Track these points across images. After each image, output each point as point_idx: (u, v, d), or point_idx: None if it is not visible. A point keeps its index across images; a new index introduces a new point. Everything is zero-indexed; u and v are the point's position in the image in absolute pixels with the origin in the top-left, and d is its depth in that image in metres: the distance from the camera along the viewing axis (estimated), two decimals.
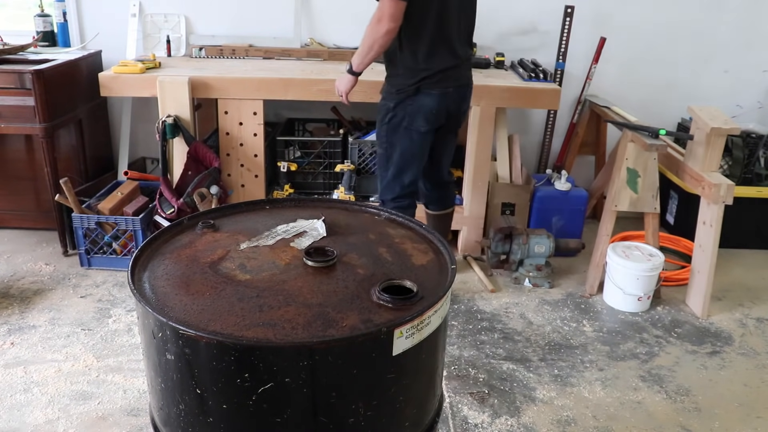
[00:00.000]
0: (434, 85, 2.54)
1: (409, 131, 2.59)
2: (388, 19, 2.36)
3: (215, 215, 1.70)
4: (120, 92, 3.27)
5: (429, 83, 2.52)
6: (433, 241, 1.57)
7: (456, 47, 2.55)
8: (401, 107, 2.56)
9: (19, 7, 4.07)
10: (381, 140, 2.66)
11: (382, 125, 2.63)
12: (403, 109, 2.56)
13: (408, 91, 2.53)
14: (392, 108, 2.57)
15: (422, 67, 2.51)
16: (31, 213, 3.50)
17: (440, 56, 2.52)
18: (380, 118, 2.62)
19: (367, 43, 2.46)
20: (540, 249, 3.12)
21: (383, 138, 2.64)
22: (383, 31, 2.39)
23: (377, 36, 2.41)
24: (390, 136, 2.62)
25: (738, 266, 3.49)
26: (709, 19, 3.80)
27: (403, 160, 2.64)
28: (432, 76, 2.52)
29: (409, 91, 2.53)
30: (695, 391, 2.43)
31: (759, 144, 3.56)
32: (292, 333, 1.17)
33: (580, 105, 3.84)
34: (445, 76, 2.55)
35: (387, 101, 2.59)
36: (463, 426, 2.18)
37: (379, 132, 2.66)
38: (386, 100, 2.60)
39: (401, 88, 2.54)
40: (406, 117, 2.57)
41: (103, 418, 2.16)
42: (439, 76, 2.53)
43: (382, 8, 2.37)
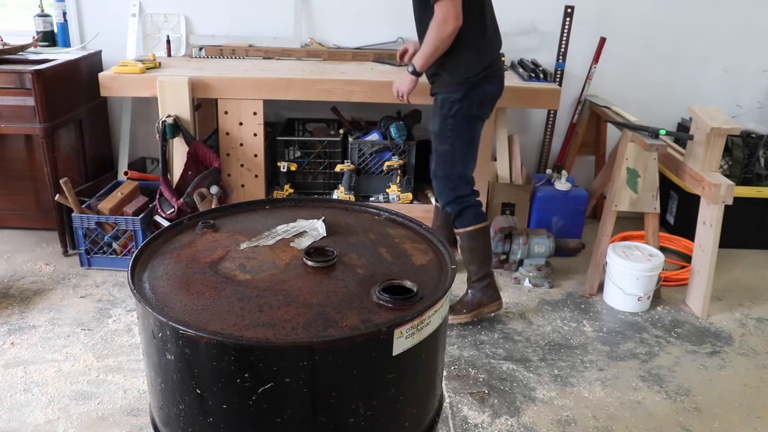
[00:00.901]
0: (496, 71, 2.58)
1: (475, 120, 2.59)
2: (454, 19, 2.38)
3: (215, 215, 1.70)
4: (120, 92, 3.27)
5: (492, 70, 2.55)
6: (433, 241, 1.57)
7: (498, 33, 2.61)
8: (467, 97, 2.53)
9: (19, 7, 4.07)
10: (446, 135, 2.60)
11: (446, 119, 2.57)
12: (469, 98, 2.53)
13: (474, 80, 2.51)
14: (459, 100, 2.53)
15: (486, 56, 2.53)
16: (31, 213, 3.50)
17: (495, 43, 2.58)
18: (443, 112, 2.57)
19: (432, 44, 2.45)
20: (540, 249, 3.12)
21: (449, 133, 2.58)
22: (449, 30, 2.40)
23: (444, 36, 2.42)
24: (457, 128, 2.57)
25: (738, 266, 3.49)
26: (709, 19, 3.80)
27: (469, 151, 2.63)
28: (493, 63, 2.56)
29: (475, 80, 2.52)
30: (695, 391, 2.43)
31: (759, 144, 3.56)
32: (292, 333, 1.17)
33: (580, 105, 3.84)
34: (499, 62, 2.62)
35: (451, 94, 2.54)
36: (463, 426, 2.18)
37: (443, 127, 2.59)
38: (449, 93, 2.55)
39: (468, 77, 2.51)
40: (473, 106, 2.55)
41: (103, 418, 2.16)
42: (497, 63, 2.59)
43: (446, 9, 2.38)
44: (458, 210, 2.69)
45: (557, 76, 3.73)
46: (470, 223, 2.69)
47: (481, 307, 2.76)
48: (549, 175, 3.58)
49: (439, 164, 2.66)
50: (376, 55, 3.70)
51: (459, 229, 2.72)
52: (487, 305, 2.77)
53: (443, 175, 2.66)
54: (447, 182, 2.67)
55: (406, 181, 3.50)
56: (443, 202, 2.72)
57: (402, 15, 3.71)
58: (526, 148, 3.95)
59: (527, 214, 3.48)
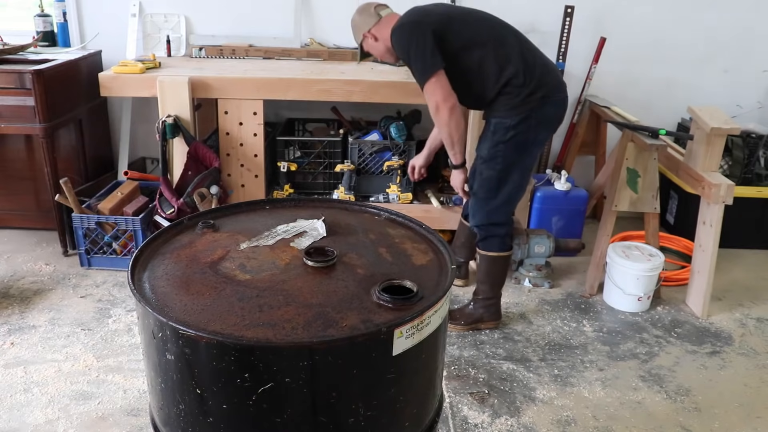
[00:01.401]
0: (554, 91, 2.45)
1: (530, 147, 2.48)
2: (444, 103, 2.35)
3: (215, 215, 1.70)
4: (120, 92, 3.27)
5: (548, 90, 2.43)
6: (433, 241, 1.57)
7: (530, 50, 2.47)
8: (524, 122, 2.41)
9: (19, 7, 4.06)
10: (495, 161, 2.47)
11: (497, 145, 2.45)
12: (527, 122, 2.41)
13: (531, 104, 2.40)
14: (514, 125, 2.41)
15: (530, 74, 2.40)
16: (31, 213, 3.50)
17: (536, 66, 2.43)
18: (496, 138, 2.45)
19: (446, 135, 2.43)
20: (540, 249, 3.12)
21: (499, 159, 2.46)
22: (446, 116, 2.37)
23: (445, 121, 2.38)
24: (509, 155, 2.46)
25: (738, 266, 3.49)
26: (709, 19, 3.80)
27: (521, 180, 2.53)
28: (549, 80, 2.44)
29: (533, 104, 2.40)
30: (695, 391, 2.43)
31: (759, 144, 3.56)
32: (292, 333, 1.17)
33: (580, 105, 3.84)
34: (555, 80, 2.48)
35: (506, 119, 2.42)
36: (463, 426, 2.18)
37: (493, 153, 2.47)
38: (504, 119, 2.42)
39: (524, 102, 2.39)
40: (530, 131, 2.43)
41: (103, 418, 2.16)
42: (553, 83, 2.46)
43: (433, 98, 2.35)
44: (485, 235, 2.64)
45: None
46: (493, 250, 2.65)
47: (479, 323, 2.75)
48: (549, 175, 3.58)
49: (482, 187, 2.55)
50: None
51: (482, 251, 2.68)
52: (485, 322, 2.76)
53: (483, 197, 2.57)
54: (484, 206, 2.57)
55: (405, 181, 3.49)
56: (473, 222, 2.65)
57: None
58: None
59: (527, 214, 3.48)
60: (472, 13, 2.50)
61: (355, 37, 2.67)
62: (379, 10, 2.58)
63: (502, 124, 2.43)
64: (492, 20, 2.51)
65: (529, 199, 3.46)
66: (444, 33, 2.36)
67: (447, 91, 2.35)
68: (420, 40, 2.33)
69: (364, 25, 2.58)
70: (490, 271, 2.70)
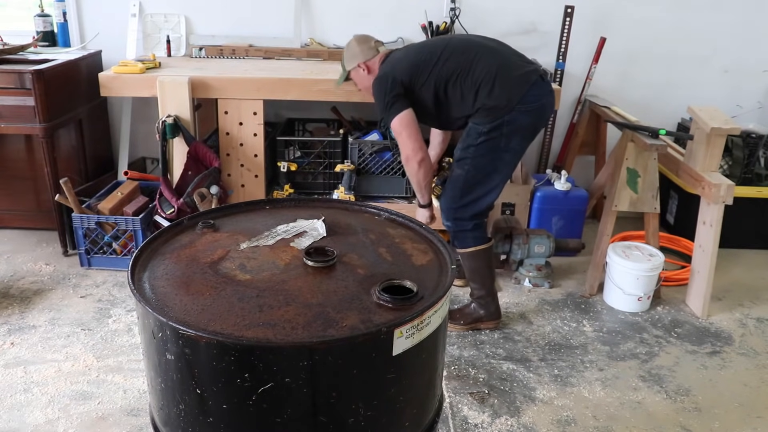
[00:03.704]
0: (530, 99, 2.47)
1: (501, 153, 2.52)
2: (413, 156, 2.49)
3: (215, 215, 1.70)
4: (120, 92, 3.27)
5: (524, 99, 2.46)
6: (433, 241, 1.57)
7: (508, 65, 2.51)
8: (496, 129, 2.47)
9: (19, 7, 4.06)
10: (464, 162, 2.56)
11: (468, 148, 2.54)
12: (498, 129, 2.47)
13: (504, 112, 2.46)
14: (486, 132, 2.48)
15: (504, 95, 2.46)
16: (31, 213, 3.50)
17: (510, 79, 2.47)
18: (469, 141, 2.53)
19: (414, 183, 2.61)
20: (540, 249, 3.12)
21: (468, 160, 2.55)
22: (415, 168, 2.52)
23: (414, 172, 2.55)
24: (478, 158, 2.53)
25: (738, 266, 3.49)
26: (709, 19, 3.80)
27: (490, 184, 2.58)
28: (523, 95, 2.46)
29: (506, 112, 2.46)
30: (695, 391, 2.43)
31: (759, 144, 3.56)
32: (292, 333, 1.17)
33: (580, 105, 3.84)
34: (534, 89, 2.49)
35: (480, 125, 2.50)
36: (463, 426, 2.18)
37: (464, 154, 2.56)
38: (478, 124, 2.51)
39: (498, 113, 2.46)
40: (501, 138, 2.49)
41: (103, 418, 2.16)
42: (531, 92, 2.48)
43: (401, 147, 2.51)
44: (453, 231, 2.68)
45: (557, 76, 3.73)
46: (468, 245, 2.67)
47: (478, 322, 2.75)
48: (549, 175, 3.58)
49: (450, 185, 2.63)
50: None
51: (458, 249, 2.70)
52: (484, 321, 2.75)
53: (450, 195, 2.63)
54: (451, 203, 2.63)
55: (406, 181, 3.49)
56: (443, 219, 2.71)
57: (402, 15, 3.73)
58: None
59: (527, 214, 3.48)
60: (449, 46, 2.56)
61: (347, 63, 2.75)
62: (377, 45, 2.73)
63: (475, 129, 2.52)
64: (468, 46, 2.56)
65: (529, 199, 3.46)
66: (413, 79, 2.52)
67: (415, 144, 2.49)
68: (386, 91, 2.49)
69: (362, 55, 2.70)
70: (474, 268, 2.71)
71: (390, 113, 2.50)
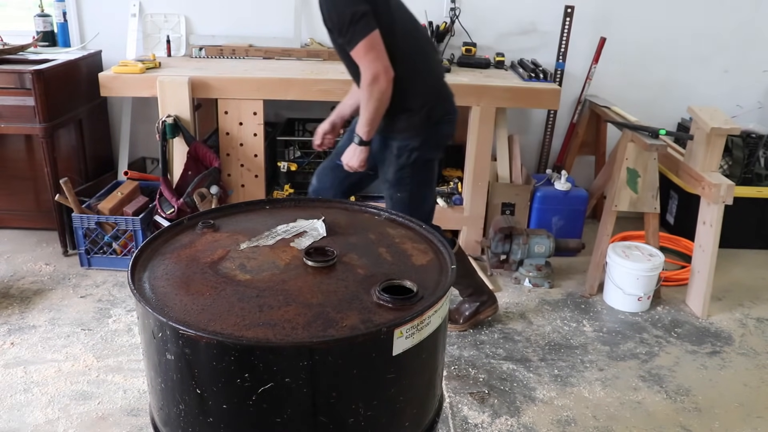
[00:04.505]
0: (453, 108, 2.38)
1: (433, 163, 2.43)
2: (384, 74, 2.16)
3: (215, 215, 1.70)
4: (120, 92, 3.27)
5: (451, 107, 2.37)
6: (433, 241, 1.57)
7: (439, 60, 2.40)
8: (426, 142, 2.34)
9: (19, 7, 4.06)
10: (404, 183, 2.39)
11: (404, 168, 2.37)
12: (428, 142, 2.35)
13: (434, 123, 2.34)
14: (417, 147, 2.33)
15: (443, 93, 2.38)
16: (31, 213, 3.50)
17: (441, 73, 2.38)
18: (401, 162, 2.36)
19: (373, 108, 2.22)
20: (540, 249, 3.12)
21: (407, 180, 2.38)
22: (383, 88, 2.18)
23: (380, 93, 2.19)
24: (417, 175, 2.39)
25: (738, 266, 3.49)
26: (709, 19, 3.80)
27: (428, 193, 2.49)
28: (450, 99, 2.38)
29: (435, 122, 2.34)
30: (695, 391, 2.43)
31: (759, 144, 3.56)
32: (292, 333, 1.17)
33: (580, 105, 3.84)
34: (451, 95, 2.41)
35: (409, 141, 2.33)
36: (463, 426, 2.18)
37: (401, 176, 2.38)
38: (407, 140, 2.33)
39: (430, 121, 2.33)
40: (431, 150, 2.38)
41: (103, 418, 2.16)
42: (452, 97, 2.39)
43: (374, 67, 2.15)
44: None
45: (557, 76, 3.73)
46: None
47: (477, 315, 2.75)
48: (549, 175, 3.58)
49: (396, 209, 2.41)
50: None
51: None
52: (482, 312, 2.75)
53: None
54: None
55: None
56: None
57: None
58: (526, 148, 3.94)
59: (527, 214, 3.48)
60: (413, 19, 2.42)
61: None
62: None
63: (406, 147, 2.34)
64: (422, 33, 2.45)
65: (529, 199, 3.46)
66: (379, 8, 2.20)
67: (386, 62, 2.16)
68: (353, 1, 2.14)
69: None
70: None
71: (356, 29, 2.13)
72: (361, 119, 2.27)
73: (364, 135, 2.30)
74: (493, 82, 3.25)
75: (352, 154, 2.35)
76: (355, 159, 2.35)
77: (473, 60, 3.61)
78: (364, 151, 2.34)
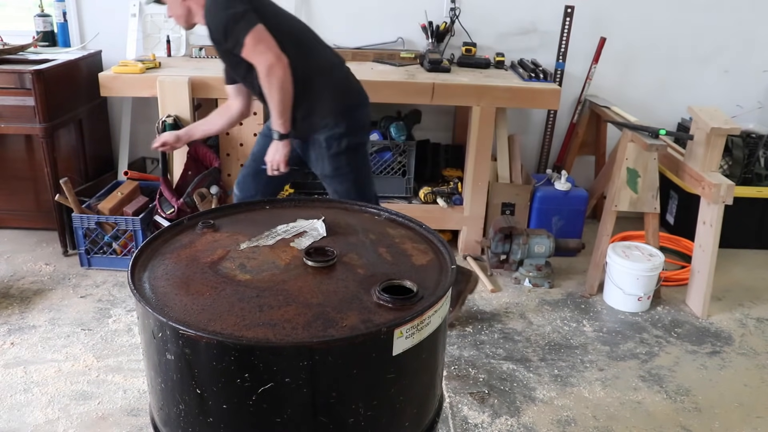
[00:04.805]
0: (359, 90, 2.41)
1: (364, 147, 2.47)
2: (278, 60, 2.15)
3: (215, 215, 1.70)
4: (120, 92, 3.27)
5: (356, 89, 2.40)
6: (433, 241, 1.57)
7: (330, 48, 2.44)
8: (351, 126, 2.36)
9: (19, 7, 4.06)
10: (343, 173, 2.41)
11: (338, 157, 2.37)
12: (353, 126, 2.37)
13: (353, 106, 2.38)
14: (344, 133, 2.34)
15: (350, 77, 2.41)
16: (31, 213, 3.50)
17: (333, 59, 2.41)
18: (333, 152, 2.36)
19: (279, 99, 2.21)
20: (540, 249, 3.12)
21: (346, 169, 2.40)
22: (282, 74, 2.16)
23: (280, 82, 2.17)
24: (354, 161, 2.41)
25: (738, 266, 3.49)
26: (709, 19, 3.80)
27: (370, 177, 2.50)
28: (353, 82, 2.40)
29: (354, 105, 2.38)
30: (695, 391, 2.43)
31: (759, 144, 3.56)
32: (292, 333, 1.17)
33: (580, 105, 3.84)
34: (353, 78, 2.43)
35: (334, 130, 2.33)
36: (463, 426, 2.18)
37: (338, 166, 2.39)
38: (332, 129, 2.33)
39: (349, 104, 2.36)
40: (359, 134, 2.41)
41: (103, 418, 2.16)
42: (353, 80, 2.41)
43: (265, 56, 2.14)
44: None
45: (557, 76, 3.73)
46: None
47: (462, 294, 2.75)
48: (549, 175, 3.58)
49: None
50: (376, 55, 3.70)
51: None
52: (464, 290, 2.75)
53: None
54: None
55: (406, 181, 3.50)
56: None
57: (402, 15, 3.73)
58: (526, 148, 3.95)
59: (527, 214, 3.48)
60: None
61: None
62: None
63: (333, 136, 2.34)
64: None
65: (529, 199, 3.46)
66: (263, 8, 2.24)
67: (277, 51, 2.15)
68: (230, 3, 2.16)
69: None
70: None
71: (239, 28, 2.12)
72: (273, 114, 2.27)
73: (280, 128, 2.29)
74: (493, 82, 3.25)
75: (275, 150, 2.34)
76: (279, 155, 2.34)
77: (473, 60, 3.61)
78: (286, 145, 2.33)
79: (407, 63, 3.59)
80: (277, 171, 2.38)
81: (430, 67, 3.38)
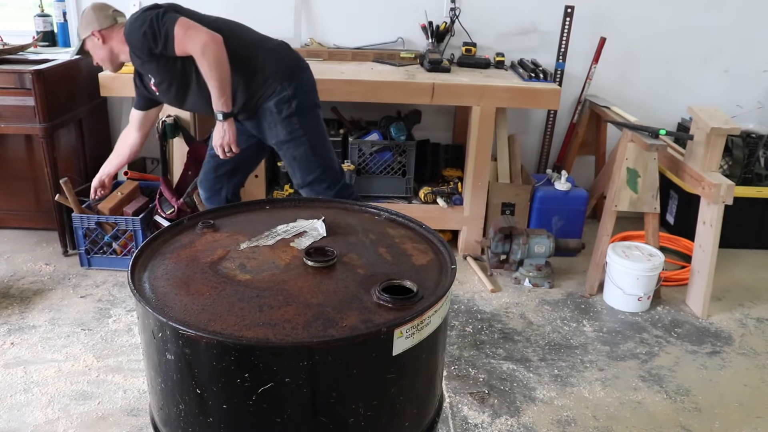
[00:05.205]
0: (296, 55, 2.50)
1: (316, 108, 2.48)
2: (211, 38, 2.22)
3: (215, 215, 1.70)
4: (120, 92, 3.27)
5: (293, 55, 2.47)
6: (433, 241, 1.57)
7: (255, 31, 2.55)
8: (299, 87, 2.39)
9: (19, 7, 4.06)
10: (298, 135, 2.42)
11: (290, 119, 2.39)
12: (301, 87, 2.40)
13: (294, 67, 2.43)
14: (293, 95, 2.37)
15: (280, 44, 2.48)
16: (31, 213, 3.50)
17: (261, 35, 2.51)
18: (284, 115, 2.39)
19: (218, 77, 2.25)
20: (540, 249, 3.12)
21: (300, 131, 2.41)
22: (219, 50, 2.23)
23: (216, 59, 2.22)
24: (306, 123, 2.42)
25: (738, 266, 3.49)
26: (709, 19, 3.80)
27: (327, 140, 2.49)
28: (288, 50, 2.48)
29: (294, 67, 2.44)
30: (695, 391, 2.43)
31: (759, 144, 3.56)
32: (292, 333, 1.17)
33: (580, 105, 3.84)
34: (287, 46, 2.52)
35: (282, 93, 2.37)
36: (463, 426, 2.18)
37: (291, 129, 2.40)
38: (280, 93, 2.37)
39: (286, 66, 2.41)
40: (309, 94, 2.43)
41: (103, 418, 2.16)
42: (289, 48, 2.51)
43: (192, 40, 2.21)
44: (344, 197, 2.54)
45: (557, 76, 3.73)
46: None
47: None
48: (549, 175, 3.58)
49: (305, 169, 2.47)
50: (376, 55, 3.70)
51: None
52: None
53: (314, 179, 2.48)
54: (323, 182, 2.49)
55: (406, 181, 3.50)
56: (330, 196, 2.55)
57: (402, 15, 3.74)
58: (526, 148, 3.95)
59: (527, 214, 3.48)
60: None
61: (81, 31, 2.51)
62: (116, 15, 2.51)
63: (282, 99, 2.38)
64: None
65: (529, 199, 3.46)
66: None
67: (207, 31, 2.23)
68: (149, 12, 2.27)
69: (96, 23, 2.45)
70: None
71: (165, 22, 2.22)
72: (213, 94, 2.29)
73: (223, 107, 2.31)
74: (493, 82, 3.25)
75: (222, 132, 2.35)
76: (226, 135, 2.35)
77: (473, 60, 3.61)
78: (232, 124, 2.35)
79: (407, 63, 3.59)
80: (230, 153, 2.40)
81: (430, 67, 3.38)
